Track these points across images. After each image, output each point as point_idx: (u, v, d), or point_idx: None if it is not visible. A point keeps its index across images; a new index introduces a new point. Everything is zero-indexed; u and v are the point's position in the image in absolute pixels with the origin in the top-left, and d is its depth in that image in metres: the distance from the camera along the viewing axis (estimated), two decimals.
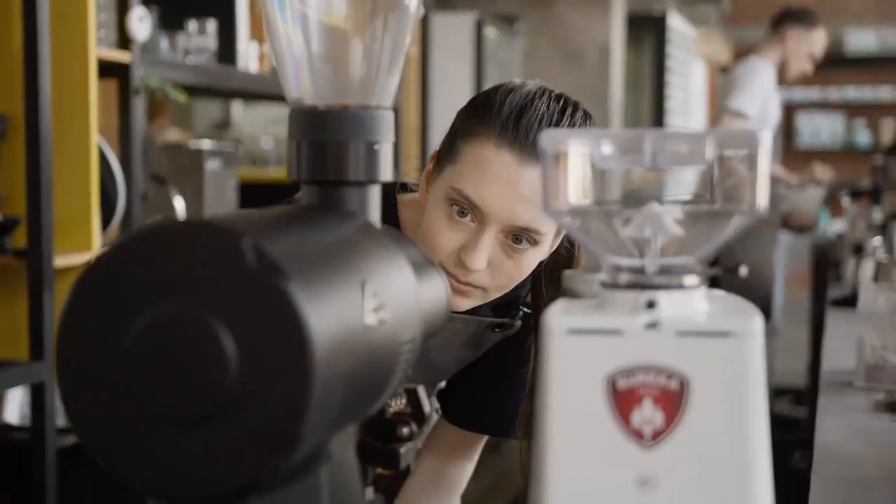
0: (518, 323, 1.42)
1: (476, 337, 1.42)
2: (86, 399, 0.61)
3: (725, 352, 0.66)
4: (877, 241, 3.03)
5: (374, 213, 0.79)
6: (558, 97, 1.28)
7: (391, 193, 1.40)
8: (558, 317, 0.68)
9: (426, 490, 1.50)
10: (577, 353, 0.67)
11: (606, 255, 0.71)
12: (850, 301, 2.65)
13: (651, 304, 0.68)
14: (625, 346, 0.67)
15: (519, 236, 1.25)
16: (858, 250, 3.23)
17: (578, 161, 0.70)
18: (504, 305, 1.40)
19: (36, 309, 2.26)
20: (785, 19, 4.47)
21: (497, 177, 1.22)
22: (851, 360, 1.92)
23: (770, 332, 5.61)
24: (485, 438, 1.53)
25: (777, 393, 5.48)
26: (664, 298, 0.68)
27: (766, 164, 0.67)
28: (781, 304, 5.92)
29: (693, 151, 0.68)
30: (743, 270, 0.71)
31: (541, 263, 1.32)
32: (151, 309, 0.60)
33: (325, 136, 0.78)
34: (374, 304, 0.68)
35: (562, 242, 1.35)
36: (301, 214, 0.73)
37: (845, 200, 4.77)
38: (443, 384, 1.52)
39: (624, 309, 0.68)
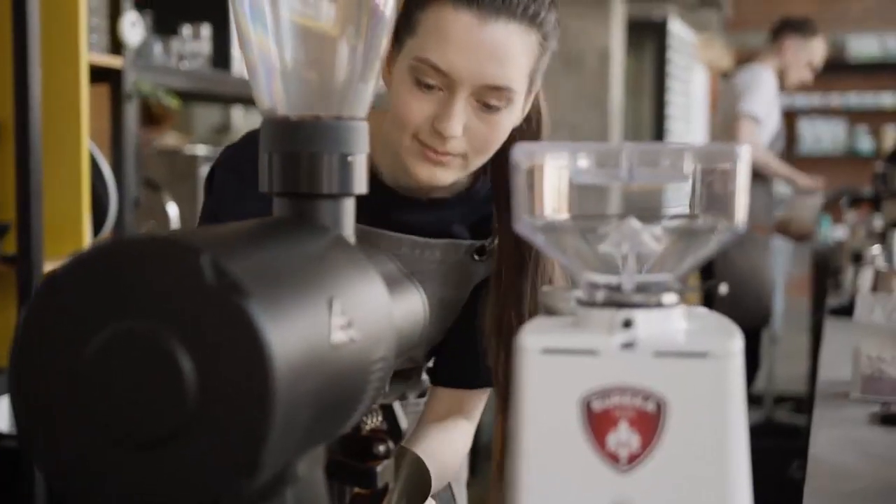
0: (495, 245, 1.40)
1: (458, 271, 1.39)
2: (41, 419, 0.59)
3: (704, 373, 0.64)
4: (876, 249, 3.01)
5: (348, 227, 0.77)
6: None
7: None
8: (532, 336, 0.66)
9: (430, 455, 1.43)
10: (552, 374, 0.65)
11: (582, 271, 0.69)
12: (848, 310, 2.63)
13: (628, 323, 0.66)
14: (600, 367, 0.65)
15: (490, 98, 1.22)
16: (857, 259, 3.20)
17: (553, 175, 0.68)
18: (480, 224, 1.39)
19: None
20: (783, 28, 4.47)
21: (459, 38, 1.20)
22: (849, 371, 1.90)
23: (770, 339, 5.58)
24: (483, 396, 1.48)
25: (777, 400, 5.46)
26: (641, 317, 0.66)
27: (745, 179, 0.65)
28: (782, 311, 5.90)
29: (671, 166, 0.66)
30: (723, 288, 0.69)
31: (511, 136, 1.30)
32: (109, 327, 0.58)
33: (298, 148, 0.76)
34: (343, 321, 0.66)
35: (532, 109, 1.34)
36: (270, 229, 0.71)
37: (846, 208, 4.75)
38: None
39: (600, 328, 0.66)
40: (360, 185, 0.77)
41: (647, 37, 6.93)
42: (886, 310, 1.90)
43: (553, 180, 0.67)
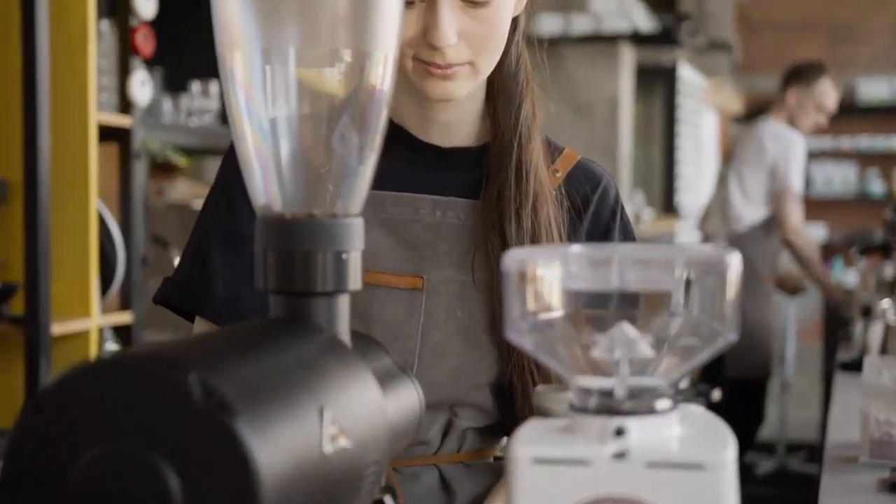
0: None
1: None
2: None
3: (697, 485, 0.63)
4: (886, 303, 2.99)
5: (343, 324, 0.77)
6: None
7: None
8: (524, 446, 0.66)
9: None
10: (543, 484, 0.65)
11: (574, 376, 0.68)
12: (859, 365, 2.61)
13: (620, 432, 0.65)
14: (592, 477, 0.64)
15: None
16: (867, 312, 3.19)
17: (544, 281, 0.67)
18: None
19: (33, 377, 2.24)
20: (786, 78, 4.50)
21: None
22: (858, 432, 1.88)
23: (782, 387, 5.55)
24: None
25: (790, 448, 5.42)
26: (634, 424, 0.66)
27: (736, 286, 0.65)
28: (793, 357, 5.87)
29: (661, 273, 0.66)
30: (716, 394, 0.69)
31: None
32: (95, 448, 0.58)
33: (293, 246, 0.76)
34: (334, 430, 0.66)
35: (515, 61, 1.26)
36: (261, 333, 0.71)
37: (856, 255, 4.73)
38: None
39: (592, 435, 0.66)
40: (356, 281, 0.77)
41: (657, 82, 6.96)
42: (894, 372, 1.89)
43: (543, 286, 0.67)
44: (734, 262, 0.65)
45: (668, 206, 6.99)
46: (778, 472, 5.27)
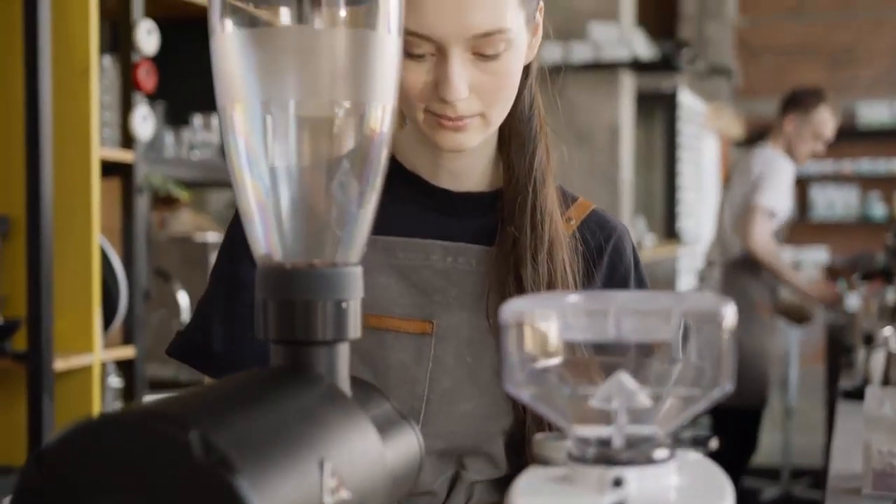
0: None
1: None
2: None
3: None
4: (888, 331, 2.99)
5: (343, 372, 0.78)
6: None
7: None
8: (523, 496, 0.66)
9: None
10: None
11: (572, 425, 0.69)
12: (861, 393, 2.61)
13: (618, 482, 0.66)
14: None
15: (485, 47, 1.13)
16: (869, 340, 3.19)
17: (541, 332, 0.68)
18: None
19: (35, 414, 2.25)
20: (785, 105, 4.51)
21: None
22: (860, 463, 1.88)
23: (786, 413, 5.54)
24: None
25: (794, 475, 5.40)
26: (632, 475, 0.66)
27: (730, 337, 0.66)
28: (797, 382, 5.86)
29: (658, 323, 0.67)
30: (713, 443, 0.69)
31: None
32: None
33: (293, 296, 0.76)
34: (334, 482, 0.66)
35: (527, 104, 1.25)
36: (260, 385, 0.72)
37: (858, 281, 4.73)
38: None
39: (590, 486, 0.66)
40: (356, 329, 0.78)
41: (657, 108, 6.98)
42: (895, 403, 1.89)
43: (541, 337, 0.68)
44: (729, 313, 0.66)
45: (669, 231, 7.00)
46: (782, 498, 5.25)
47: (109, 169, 2.55)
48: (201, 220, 4.17)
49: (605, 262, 1.28)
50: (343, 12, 0.77)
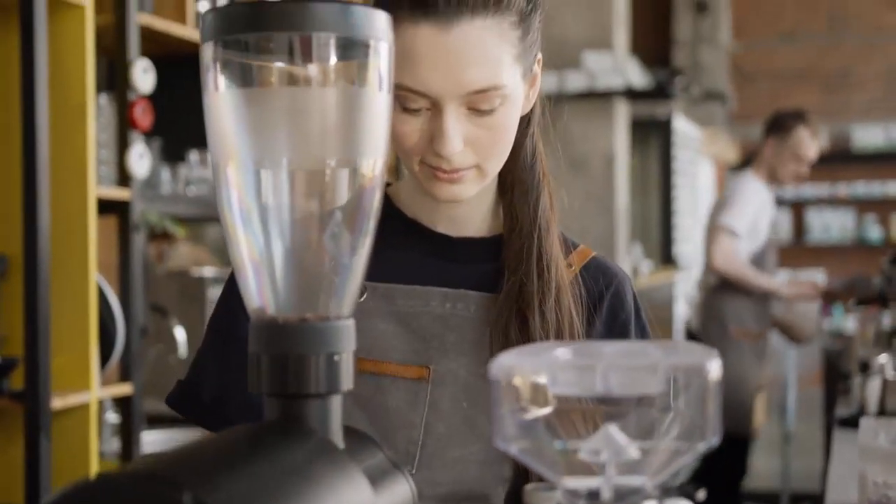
0: None
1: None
2: None
3: None
4: (883, 358, 2.99)
5: (335, 424, 0.79)
6: None
7: None
8: None
9: None
10: None
11: (561, 478, 0.70)
12: (857, 421, 2.61)
13: None
14: None
15: (481, 102, 1.13)
16: (865, 367, 3.19)
17: (531, 387, 0.69)
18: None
19: (33, 453, 2.25)
20: (765, 129, 4.52)
21: (425, 54, 1.12)
22: (857, 492, 1.89)
23: (784, 437, 5.54)
24: None
25: (794, 500, 5.39)
26: None
27: (716, 391, 0.67)
28: (794, 406, 5.86)
29: (645, 377, 0.68)
30: (700, 495, 0.70)
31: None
32: None
33: (286, 350, 0.77)
34: None
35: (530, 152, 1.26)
36: (253, 440, 0.73)
37: (853, 306, 4.74)
38: None
39: None
40: (348, 381, 0.79)
41: (652, 134, 7.01)
42: (891, 434, 1.90)
43: (530, 392, 0.69)
44: (714, 368, 0.67)
45: (666, 256, 7.02)
46: None
47: (106, 207, 2.57)
48: (199, 252, 4.19)
49: (606, 307, 1.28)
50: (333, 71, 0.78)
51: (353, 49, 0.78)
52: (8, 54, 2.37)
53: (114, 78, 2.68)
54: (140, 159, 2.59)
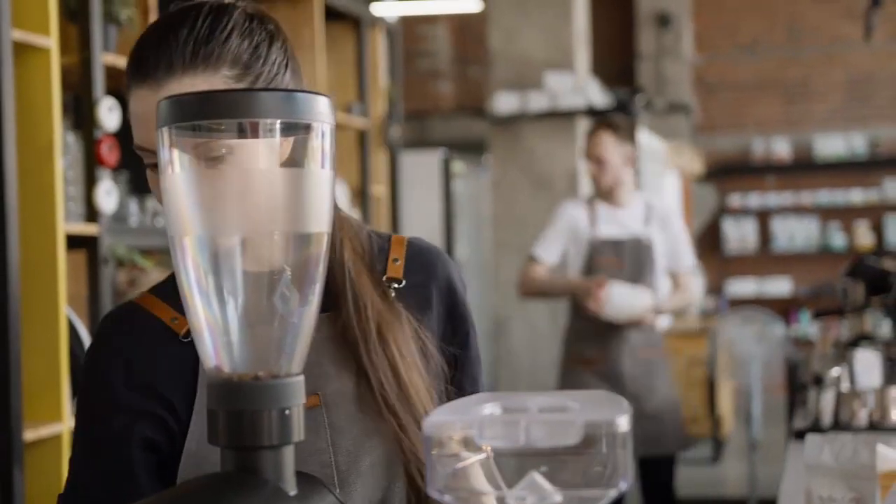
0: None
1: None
2: None
3: None
4: (836, 371, 3.07)
5: (288, 472, 0.86)
6: (188, 9, 1.21)
7: None
8: None
9: None
10: None
11: None
12: (813, 432, 2.69)
13: None
14: None
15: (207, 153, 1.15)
16: (818, 381, 3.28)
17: (460, 442, 0.76)
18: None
19: (6, 485, 2.30)
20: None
21: (143, 114, 1.18)
22: None
23: (750, 445, 5.63)
24: None
25: None
26: None
27: (624, 443, 0.74)
28: (759, 416, 5.95)
29: (563, 431, 0.75)
30: None
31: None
32: None
33: (241, 406, 0.84)
34: None
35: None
36: (209, 493, 0.80)
37: (812, 318, 4.83)
38: None
39: None
40: (299, 433, 0.86)
41: None
42: (835, 450, 1.98)
43: (460, 446, 0.76)
44: (623, 421, 0.75)
45: None
46: None
47: (75, 242, 2.62)
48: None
49: (436, 293, 1.35)
50: (279, 151, 0.86)
51: (296, 131, 0.86)
52: None
53: (81, 116, 2.75)
54: (107, 195, 2.65)
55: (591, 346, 4.10)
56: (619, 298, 3.94)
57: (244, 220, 0.85)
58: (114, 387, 1.25)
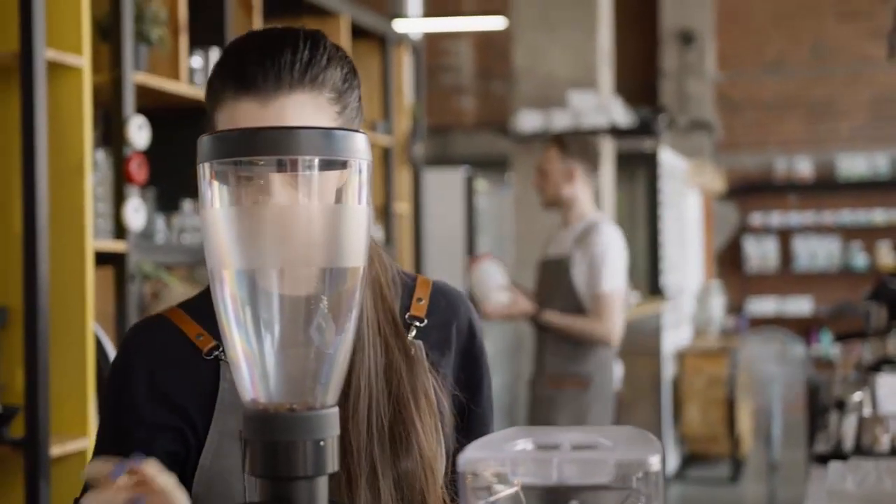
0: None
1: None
2: None
3: None
4: (858, 395, 3.07)
5: (321, 502, 0.87)
6: (285, 31, 1.24)
7: None
8: None
9: None
10: None
11: None
12: (835, 457, 2.68)
13: None
14: None
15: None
16: (841, 405, 3.26)
17: (494, 477, 0.78)
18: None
19: (33, 499, 2.33)
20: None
21: (244, 124, 1.18)
22: None
23: (769, 467, 5.62)
24: None
25: None
26: None
27: (657, 480, 0.75)
28: (780, 435, 5.93)
29: (595, 469, 0.77)
30: None
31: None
32: None
33: (276, 437, 0.86)
34: None
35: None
36: None
37: (833, 341, 4.82)
38: None
39: None
40: (333, 464, 0.88)
41: (638, 168, 7.11)
42: (858, 477, 1.98)
43: (494, 482, 0.78)
44: (655, 461, 0.76)
45: (653, 287, 7.10)
46: None
47: (103, 258, 2.65)
48: (194, 291, 4.25)
49: (456, 335, 1.36)
50: (317, 188, 0.87)
51: (334, 167, 0.88)
52: (9, 114, 2.46)
53: (110, 135, 2.78)
54: (135, 213, 2.68)
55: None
56: (479, 273, 3.91)
57: (282, 254, 0.87)
58: (135, 398, 1.27)
